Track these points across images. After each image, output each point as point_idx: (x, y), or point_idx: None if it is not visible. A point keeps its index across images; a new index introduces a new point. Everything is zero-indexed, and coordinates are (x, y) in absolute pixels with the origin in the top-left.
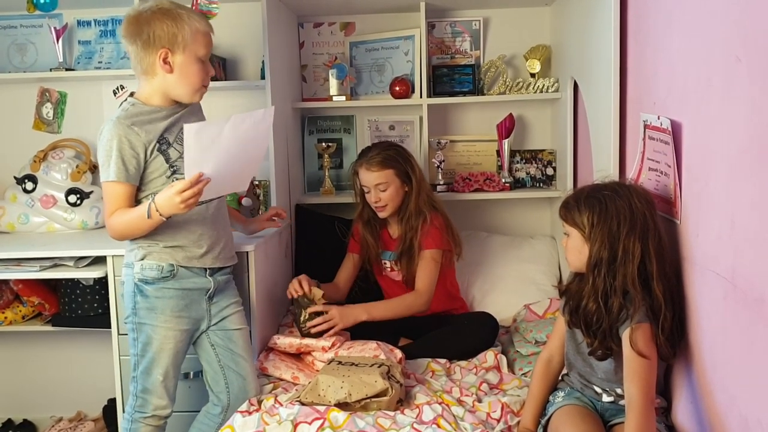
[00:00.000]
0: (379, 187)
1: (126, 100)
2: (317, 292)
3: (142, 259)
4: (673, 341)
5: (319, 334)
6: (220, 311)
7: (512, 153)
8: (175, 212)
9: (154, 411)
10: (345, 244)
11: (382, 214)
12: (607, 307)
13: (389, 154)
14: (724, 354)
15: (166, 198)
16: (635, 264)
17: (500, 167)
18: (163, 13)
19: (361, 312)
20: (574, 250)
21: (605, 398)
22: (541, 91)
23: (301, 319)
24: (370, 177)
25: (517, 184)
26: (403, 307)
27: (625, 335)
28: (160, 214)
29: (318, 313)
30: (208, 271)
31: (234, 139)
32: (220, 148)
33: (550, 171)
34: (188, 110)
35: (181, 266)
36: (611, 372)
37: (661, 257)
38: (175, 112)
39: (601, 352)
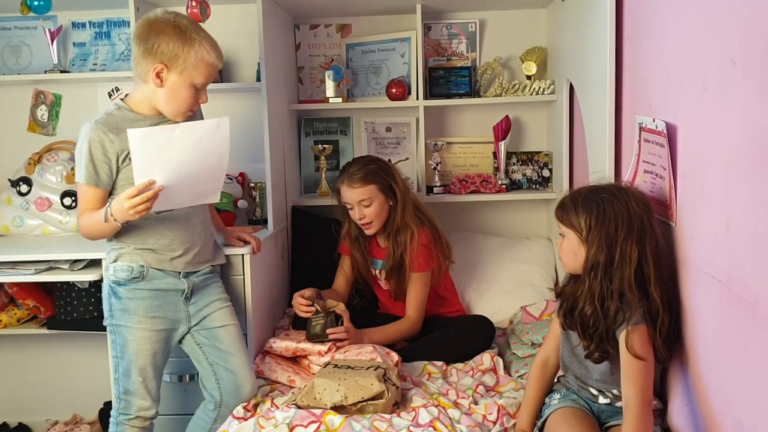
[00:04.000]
0: (363, 203)
1: (116, 101)
2: (331, 303)
3: (115, 261)
4: (669, 344)
5: (325, 339)
6: (200, 311)
7: (508, 155)
8: (127, 219)
9: (138, 412)
10: None
11: (369, 231)
12: (604, 310)
13: (370, 168)
14: (719, 357)
15: (117, 203)
16: (632, 267)
17: (496, 169)
18: (176, 31)
19: (365, 338)
20: (570, 252)
21: (601, 400)
22: (537, 94)
23: (313, 325)
24: (352, 194)
25: (514, 186)
26: (400, 334)
27: (621, 337)
28: (115, 219)
29: (337, 318)
30: (181, 273)
31: (186, 148)
32: (171, 157)
33: (546, 173)
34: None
35: (152, 267)
36: (607, 374)
37: (658, 261)
38: (159, 122)
39: (597, 355)
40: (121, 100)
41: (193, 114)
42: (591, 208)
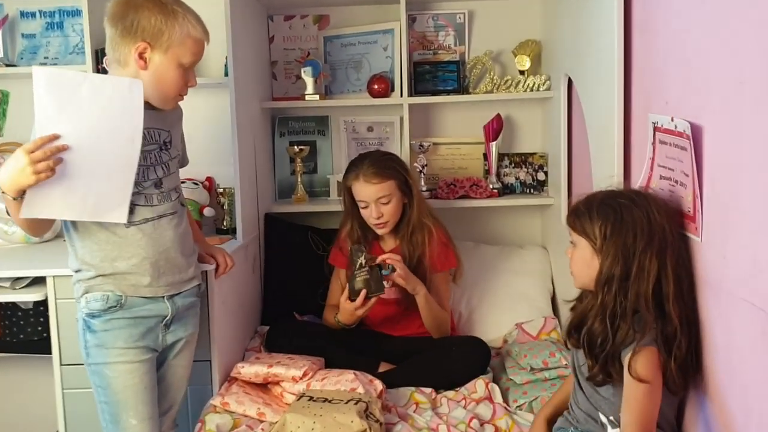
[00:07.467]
0: (381, 201)
1: None
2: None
3: (86, 293)
4: (685, 372)
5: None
6: (172, 342)
7: (500, 156)
8: (23, 182)
9: None
10: (321, 257)
11: (382, 231)
12: (614, 329)
13: (387, 164)
14: (761, 400)
15: (12, 160)
16: (650, 283)
17: (487, 172)
18: (157, 5)
19: (421, 287)
20: (582, 262)
21: (609, 431)
22: (531, 90)
23: (360, 262)
24: (369, 190)
25: (506, 190)
26: (440, 317)
27: (626, 358)
28: (3, 192)
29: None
30: (164, 296)
31: (96, 104)
32: (79, 112)
33: (541, 176)
34: (162, 113)
35: (130, 296)
36: (611, 400)
37: (678, 277)
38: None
39: (600, 378)
40: None
41: (181, 99)
42: (607, 215)
